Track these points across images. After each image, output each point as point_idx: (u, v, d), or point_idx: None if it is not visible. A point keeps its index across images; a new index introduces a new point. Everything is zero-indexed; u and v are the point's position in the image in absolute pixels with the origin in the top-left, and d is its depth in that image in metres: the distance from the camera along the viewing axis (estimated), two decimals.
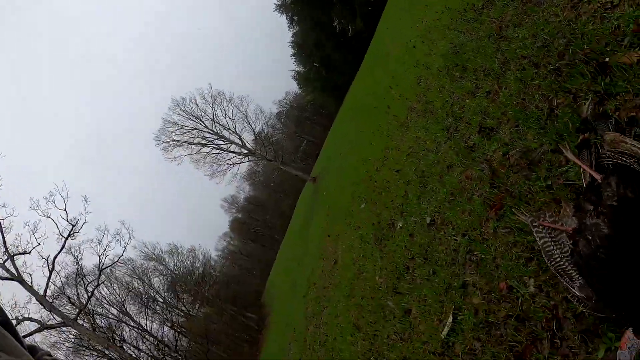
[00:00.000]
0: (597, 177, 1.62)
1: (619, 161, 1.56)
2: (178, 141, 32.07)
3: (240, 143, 33.00)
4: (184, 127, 32.18)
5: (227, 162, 33.14)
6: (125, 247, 26.87)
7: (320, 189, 23.87)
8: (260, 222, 59.93)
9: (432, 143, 4.89)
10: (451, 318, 2.67)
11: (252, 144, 33.92)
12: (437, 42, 6.51)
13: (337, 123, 34.41)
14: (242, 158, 33.42)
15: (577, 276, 1.55)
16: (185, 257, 39.33)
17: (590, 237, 1.45)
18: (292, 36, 38.70)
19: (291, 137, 56.51)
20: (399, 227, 4.92)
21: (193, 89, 42.64)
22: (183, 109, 32.25)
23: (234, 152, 33.02)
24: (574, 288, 1.56)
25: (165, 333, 31.18)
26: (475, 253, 2.78)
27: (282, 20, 36.83)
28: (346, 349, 4.93)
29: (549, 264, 1.69)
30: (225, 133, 32.86)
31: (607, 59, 2.11)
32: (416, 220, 4.34)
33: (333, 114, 41.24)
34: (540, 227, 1.81)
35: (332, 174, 20.00)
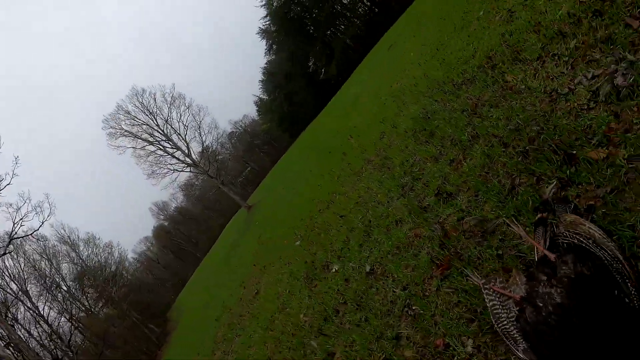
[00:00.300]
0: (550, 255, 1.73)
1: (575, 241, 1.68)
2: (126, 131, 30.90)
3: (186, 151, 32.21)
4: (135, 119, 31.14)
5: (169, 166, 32.11)
6: (42, 223, 25.15)
7: (254, 218, 23.55)
8: (185, 236, 58.30)
9: (384, 197, 4.92)
10: None
11: (197, 156, 33.22)
12: (409, 105, 6.73)
13: (285, 158, 34.61)
14: (184, 167, 32.44)
15: (522, 340, 1.62)
16: (100, 250, 37.19)
17: (542, 305, 1.53)
18: (266, 63, 39.37)
19: (237, 160, 56.12)
20: (334, 270, 4.86)
21: (156, 84, 41.72)
22: (140, 100, 31.38)
23: (177, 159, 32.12)
24: (518, 350, 1.62)
25: (61, 324, 28.85)
26: (413, 307, 2.79)
27: (262, 44, 37.44)
28: None
29: (495, 325, 1.75)
30: (174, 137, 32.09)
31: (575, 152, 2.30)
32: (354, 267, 4.29)
33: (284, 148, 41.58)
34: (491, 290, 1.89)
35: (270, 206, 19.83)
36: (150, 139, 31.45)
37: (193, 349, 11.97)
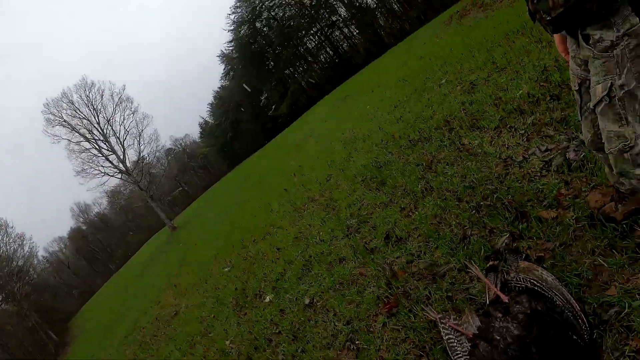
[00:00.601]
0: (503, 297, 1.88)
1: (528, 284, 1.86)
2: (65, 120, 29.16)
3: (121, 157, 30.73)
4: (77, 111, 29.54)
5: (100, 168, 30.35)
6: None
7: (179, 239, 22.63)
8: (102, 245, 54.82)
9: (327, 235, 4.89)
10: None
11: (131, 165, 31.69)
12: (361, 152, 6.91)
13: (221, 185, 34.03)
14: (116, 172, 30.80)
15: None
16: (11, 240, 33.69)
17: (499, 338, 1.66)
18: (220, 87, 39.48)
19: (170, 178, 54.38)
20: (268, 299, 4.73)
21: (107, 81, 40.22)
22: (87, 93, 30.03)
23: (111, 163, 30.47)
24: None
25: None
26: (357, 342, 2.77)
27: (220, 68, 37.77)
28: None
29: (452, 358, 1.85)
30: (112, 139, 30.64)
31: (526, 210, 2.54)
32: (291, 299, 4.21)
33: (220, 175, 41.06)
34: (447, 325, 2.01)
35: (198, 230, 19.20)
36: (88, 136, 29.90)
37: None
